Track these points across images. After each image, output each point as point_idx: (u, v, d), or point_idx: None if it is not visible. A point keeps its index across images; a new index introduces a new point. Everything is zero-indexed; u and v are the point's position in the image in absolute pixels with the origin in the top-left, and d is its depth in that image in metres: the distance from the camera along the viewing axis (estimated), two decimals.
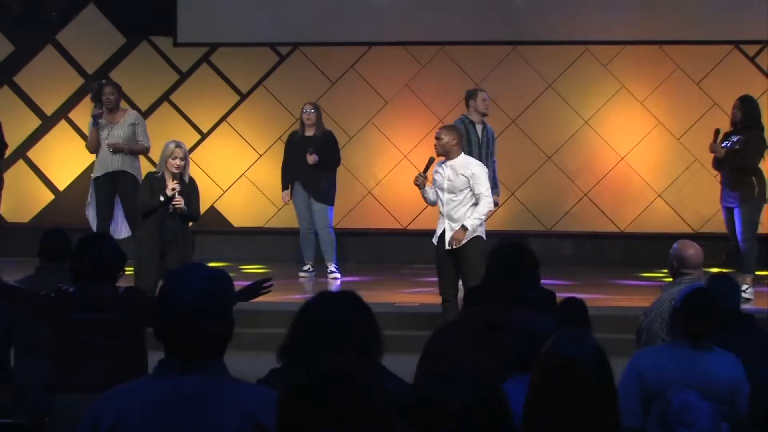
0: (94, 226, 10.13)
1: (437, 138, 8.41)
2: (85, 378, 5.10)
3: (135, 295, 5.45)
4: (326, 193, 10.89)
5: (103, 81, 10.85)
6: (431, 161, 8.55)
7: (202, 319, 2.90)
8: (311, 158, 10.69)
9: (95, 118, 10.26)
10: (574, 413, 2.86)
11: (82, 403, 5.06)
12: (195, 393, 2.86)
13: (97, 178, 10.27)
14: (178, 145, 8.55)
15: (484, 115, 9.99)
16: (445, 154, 8.32)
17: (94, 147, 10.39)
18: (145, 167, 10.39)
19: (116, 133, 10.22)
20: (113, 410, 2.90)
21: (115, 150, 10.15)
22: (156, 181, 8.46)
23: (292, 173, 10.94)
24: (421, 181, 8.45)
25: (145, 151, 10.50)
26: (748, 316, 5.76)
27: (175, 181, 8.39)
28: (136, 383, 3.03)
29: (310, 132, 10.92)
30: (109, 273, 5.37)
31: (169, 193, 8.33)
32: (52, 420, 5.39)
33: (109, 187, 10.15)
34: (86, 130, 10.65)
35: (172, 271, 3.05)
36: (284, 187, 11.07)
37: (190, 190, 8.51)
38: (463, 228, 8.14)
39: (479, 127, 9.88)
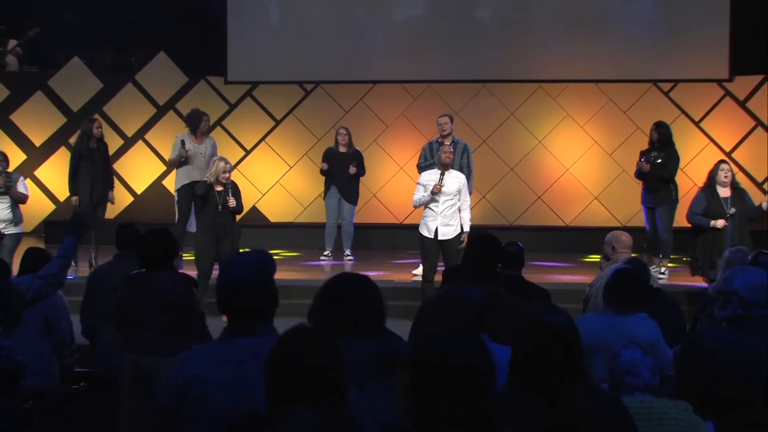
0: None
1: (446, 152, 8.25)
2: (143, 343, 5.16)
3: (186, 282, 5.35)
4: (354, 196, 10.94)
5: (205, 114, 10.45)
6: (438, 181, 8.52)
7: (249, 294, 2.91)
8: (353, 169, 10.70)
9: (183, 143, 10.12)
10: (555, 364, 2.75)
11: (140, 362, 5.25)
12: (251, 351, 2.82)
13: (183, 186, 10.16)
14: (227, 162, 8.55)
15: (444, 135, 9.58)
16: (450, 164, 8.25)
17: (177, 164, 10.26)
18: None
19: (204, 152, 10.14)
20: (190, 367, 2.90)
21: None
22: (205, 185, 8.44)
23: (330, 179, 10.88)
24: (431, 192, 8.36)
25: None
26: (657, 289, 5.77)
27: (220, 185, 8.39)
28: (206, 346, 3.00)
29: (343, 149, 10.84)
30: (168, 261, 5.32)
31: (210, 180, 8.33)
32: (120, 374, 5.38)
33: (190, 193, 9.88)
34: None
35: (225, 260, 3.00)
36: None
37: (236, 190, 8.50)
38: (465, 233, 8.12)
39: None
